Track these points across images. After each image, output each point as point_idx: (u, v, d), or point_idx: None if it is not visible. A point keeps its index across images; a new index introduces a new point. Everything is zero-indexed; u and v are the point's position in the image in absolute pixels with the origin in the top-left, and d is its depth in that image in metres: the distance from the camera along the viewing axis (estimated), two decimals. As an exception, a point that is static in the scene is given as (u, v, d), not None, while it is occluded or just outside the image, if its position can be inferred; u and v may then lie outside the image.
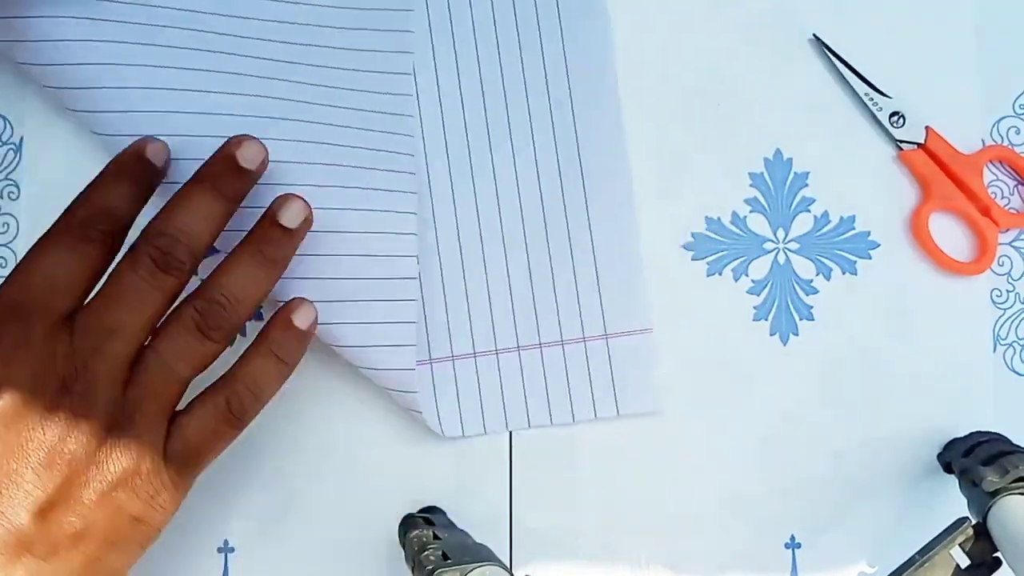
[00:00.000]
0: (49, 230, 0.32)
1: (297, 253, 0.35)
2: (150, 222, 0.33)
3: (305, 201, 0.35)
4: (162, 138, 0.35)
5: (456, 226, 0.40)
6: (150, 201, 0.34)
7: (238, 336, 0.39)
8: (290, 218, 0.34)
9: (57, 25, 0.36)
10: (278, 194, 0.35)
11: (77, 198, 0.33)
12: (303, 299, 0.35)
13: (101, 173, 0.33)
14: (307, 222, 0.35)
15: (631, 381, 0.40)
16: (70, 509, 0.30)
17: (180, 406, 0.33)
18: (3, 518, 0.29)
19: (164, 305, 0.32)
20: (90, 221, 0.32)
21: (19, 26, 0.36)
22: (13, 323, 0.31)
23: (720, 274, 0.41)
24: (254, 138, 0.34)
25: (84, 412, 0.30)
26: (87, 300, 0.32)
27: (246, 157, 0.34)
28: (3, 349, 0.30)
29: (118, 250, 0.33)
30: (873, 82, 0.41)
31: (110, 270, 0.33)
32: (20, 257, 0.32)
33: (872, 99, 0.41)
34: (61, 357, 0.31)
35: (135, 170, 0.33)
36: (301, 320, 0.35)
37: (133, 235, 0.33)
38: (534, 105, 0.41)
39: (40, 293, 0.31)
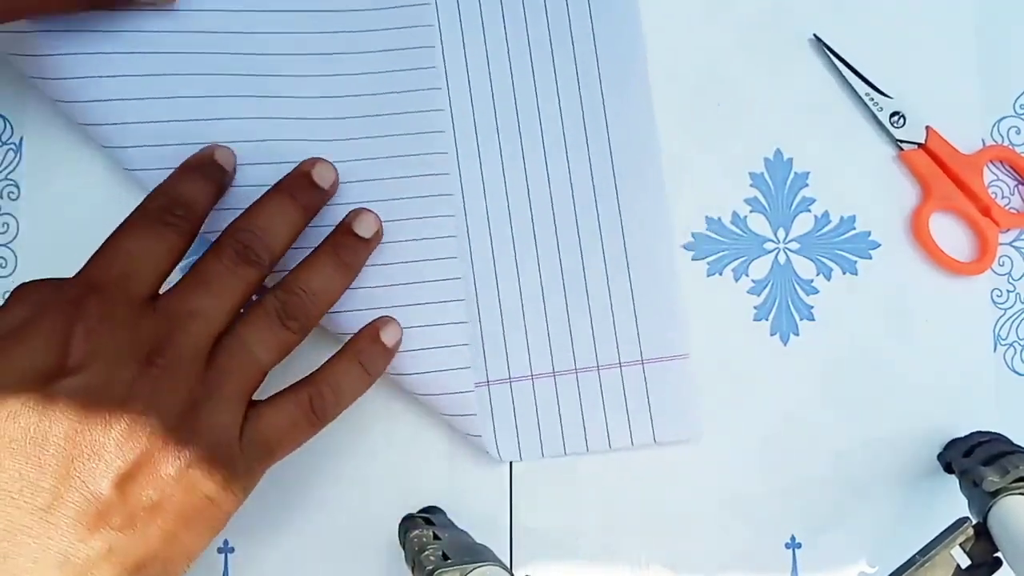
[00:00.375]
0: (127, 218, 0.34)
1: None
2: (233, 221, 0.35)
3: (377, 215, 0.37)
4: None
5: (492, 254, 0.40)
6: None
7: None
8: (365, 228, 0.37)
9: (71, 39, 0.37)
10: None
11: (152, 192, 0.35)
12: (391, 318, 0.37)
13: (179, 168, 0.36)
14: (378, 234, 0.37)
15: (668, 408, 0.40)
16: (148, 482, 0.31)
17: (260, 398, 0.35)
18: (84, 487, 0.30)
19: (243, 295, 0.34)
20: (167, 208, 0.34)
21: (31, 40, 0.36)
22: (96, 300, 0.32)
23: (720, 274, 0.41)
24: (327, 161, 0.37)
25: (166, 387, 0.31)
26: (173, 285, 0.34)
27: (320, 175, 0.37)
28: (88, 324, 0.31)
29: (194, 238, 0.34)
30: (873, 82, 0.41)
31: (193, 261, 0.34)
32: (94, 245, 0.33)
33: (872, 99, 0.41)
34: (145, 333, 0.32)
35: (206, 167, 0.36)
36: (388, 337, 0.37)
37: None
38: (568, 128, 0.40)
39: (122, 272, 0.32)
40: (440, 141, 0.39)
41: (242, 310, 0.35)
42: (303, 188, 0.36)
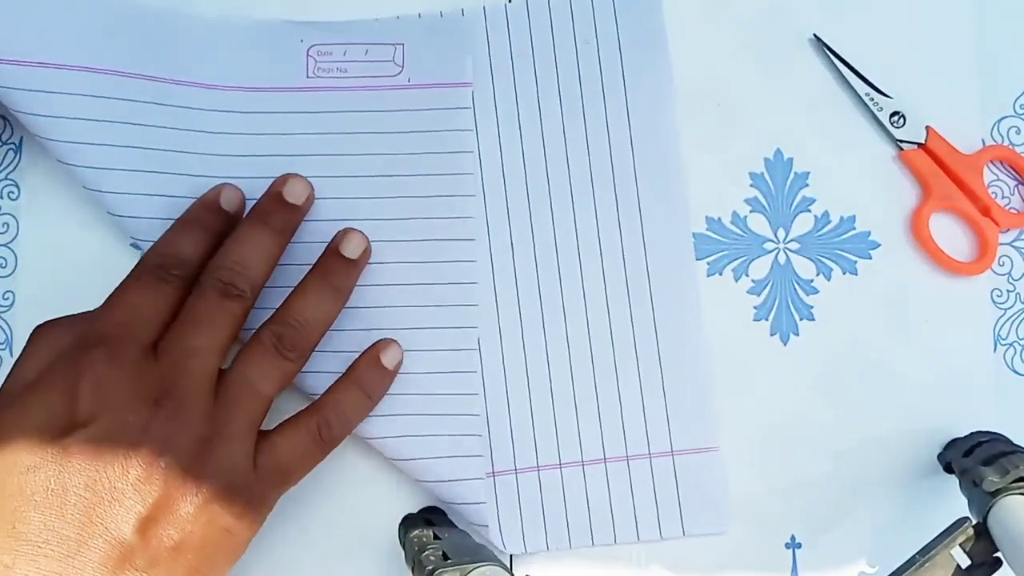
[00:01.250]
0: (129, 274, 0.35)
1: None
2: (212, 259, 0.35)
3: (363, 234, 0.38)
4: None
5: (522, 340, 0.40)
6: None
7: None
8: (351, 249, 0.37)
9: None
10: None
11: (154, 245, 0.36)
12: (391, 340, 0.38)
13: (177, 221, 0.36)
14: (366, 253, 0.38)
15: (697, 500, 0.39)
16: (168, 522, 0.31)
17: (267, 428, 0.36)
18: (107, 533, 0.30)
19: (233, 328, 0.35)
20: (165, 266, 0.35)
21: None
22: (102, 351, 0.33)
23: (720, 274, 0.41)
24: (299, 175, 0.37)
25: (177, 428, 0.32)
26: (168, 331, 0.34)
27: (292, 193, 0.37)
28: (96, 374, 0.32)
29: (191, 286, 0.35)
30: (873, 82, 0.41)
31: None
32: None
33: (872, 99, 0.41)
34: (150, 378, 0.33)
35: (207, 220, 0.37)
36: (388, 360, 0.38)
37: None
38: (602, 220, 0.40)
39: (124, 324, 0.34)
40: (468, 227, 0.39)
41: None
42: (276, 212, 0.37)
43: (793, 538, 0.40)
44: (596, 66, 0.41)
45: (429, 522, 0.38)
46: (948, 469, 0.39)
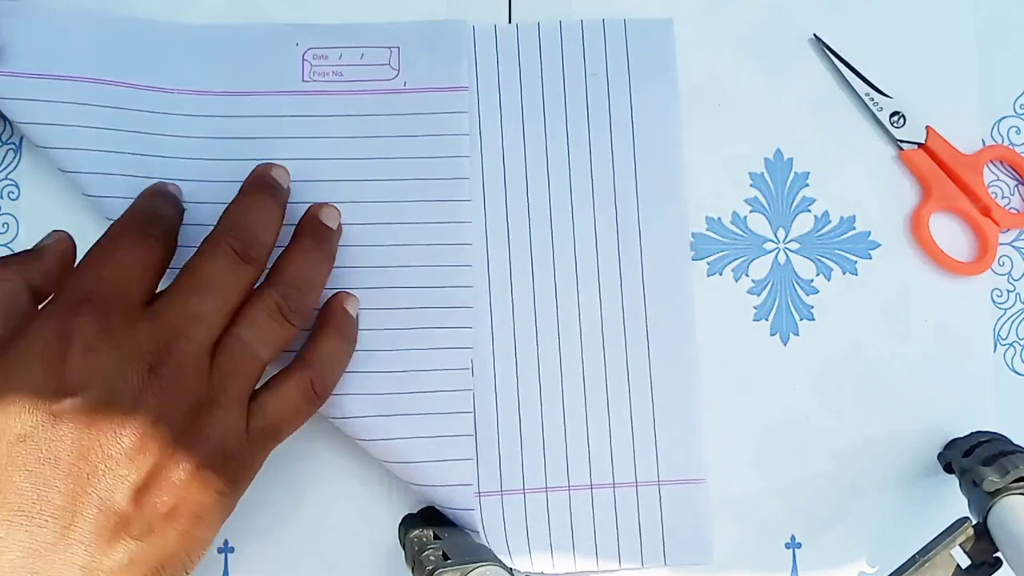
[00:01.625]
0: (109, 231, 0.34)
1: (362, 371, 0.38)
2: (223, 217, 0.35)
3: (336, 207, 0.38)
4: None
5: (515, 363, 0.39)
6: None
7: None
8: (331, 220, 0.37)
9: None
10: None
11: (130, 208, 0.35)
12: (349, 292, 0.38)
13: (144, 193, 0.36)
14: (340, 227, 0.38)
15: (681, 531, 0.39)
16: (162, 489, 0.31)
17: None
18: (101, 502, 0.30)
19: (242, 295, 0.34)
20: (148, 222, 0.34)
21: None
22: (91, 312, 0.31)
23: (720, 274, 0.41)
24: (278, 164, 0.37)
25: (172, 395, 0.32)
26: (165, 290, 0.34)
27: (279, 176, 0.37)
28: (86, 337, 0.31)
29: (174, 250, 0.35)
30: (873, 82, 0.41)
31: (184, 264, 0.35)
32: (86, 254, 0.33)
33: (872, 99, 0.41)
34: (145, 343, 0.32)
35: (168, 194, 0.36)
36: (352, 308, 0.38)
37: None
38: (602, 246, 0.40)
39: (114, 282, 0.32)
40: (465, 253, 0.39)
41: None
42: (272, 185, 0.36)
43: (793, 538, 0.40)
44: (604, 84, 0.41)
45: (429, 522, 0.38)
46: (948, 469, 0.40)
